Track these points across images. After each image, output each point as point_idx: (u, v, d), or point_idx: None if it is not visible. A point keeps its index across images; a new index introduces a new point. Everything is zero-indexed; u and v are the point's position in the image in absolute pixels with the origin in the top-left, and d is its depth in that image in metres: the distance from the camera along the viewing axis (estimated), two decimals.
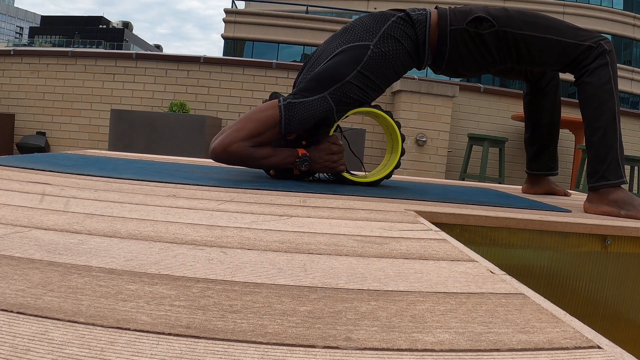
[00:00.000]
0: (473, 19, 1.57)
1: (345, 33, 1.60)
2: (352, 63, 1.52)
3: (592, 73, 1.49)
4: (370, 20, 1.59)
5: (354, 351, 0.35)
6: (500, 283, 0.56)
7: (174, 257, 0.56)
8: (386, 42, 1.55)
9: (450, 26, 1.58)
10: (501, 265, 0.70)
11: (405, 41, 1.57)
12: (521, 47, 1.56)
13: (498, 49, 1.57)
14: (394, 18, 1.57)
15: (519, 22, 1.55)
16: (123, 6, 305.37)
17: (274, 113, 1.49)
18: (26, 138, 4.96)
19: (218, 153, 1.51)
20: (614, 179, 1.43)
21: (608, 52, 1.50)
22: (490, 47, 1.57)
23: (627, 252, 1.20)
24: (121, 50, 6.07)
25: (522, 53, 1.57)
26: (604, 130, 1.45)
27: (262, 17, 20.03)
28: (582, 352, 0.37)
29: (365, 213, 1.02)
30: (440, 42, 1.60)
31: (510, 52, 1.58)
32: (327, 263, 0.59)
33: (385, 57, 1.55)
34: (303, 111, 1.49)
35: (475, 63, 1.62)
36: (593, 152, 1.48)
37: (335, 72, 1.51)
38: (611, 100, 1.46)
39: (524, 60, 1.60)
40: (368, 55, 1.53)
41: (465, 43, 1.58)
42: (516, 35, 1.55)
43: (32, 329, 0.34)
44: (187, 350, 0.33)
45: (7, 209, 0.76)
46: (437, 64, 1.68)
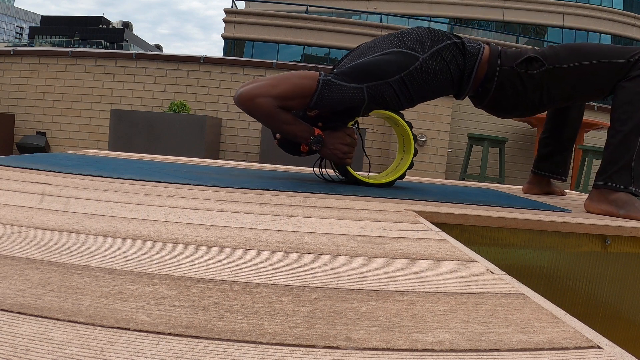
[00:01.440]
0: (523, 60, 1.58)
1: (400, 37, 1.60)
2: (398, 67, 1.53)
3: (632, 79, 1.49)
4: (427, 34, 1.60)
5: (354, 351, 0.35)
6: (500, 283, 0.56)
7: (174, 257, 0.56)
8: (435, 60, 1.56)
9: (500, 65, 1.59)
10: (501, 265, 0.70)
11: (453, 67, 1.59)
12: (573, 79, 1.56)
13: (550, 87, 1.58)
14: (449, 41, 1.59)
15: (565, 55, 1.56)
16: (124, 6, 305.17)
17: (310, 84, 1.49)
18: (26, 138, 4.96)
19: (244, 100, 1.50)
20: (620, 184, 1.42)
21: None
22: (543, 87, 1.58)
23: (627, 252, 1.20)
24: (121, 50, 6.07)
25: (576, 85, 1.57)
26: (625, 135, 1.44)
27: (262, 17, 20.02)
28: (582, 352, 0.37)
29: (365, 213, 1.02)
30: (487, 78, 1.62)
31: (563, 88, 1.58)
32: (327, 263, 0.59)
33: (429, 74, 1.56)
34: (337, 93, 1.50)
35: (522, 104, 1.63)
36: (608, 152, 1.47)
37: (379, 69, 1.52)
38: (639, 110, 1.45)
39: (579, 91, 1.59)
40: (415, 66, 1.54)
41: (513, 84, 1.59)
42: (566, 69, 1.55)
43: (32, 329, 0.34)
44: (187, 350, 0.33)
45: (7, 209, 0.76)
46: (480, 99, 1.70)
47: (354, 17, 22.49)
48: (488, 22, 25.09)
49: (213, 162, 2.31)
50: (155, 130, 4.23)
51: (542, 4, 24.58)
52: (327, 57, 20.71)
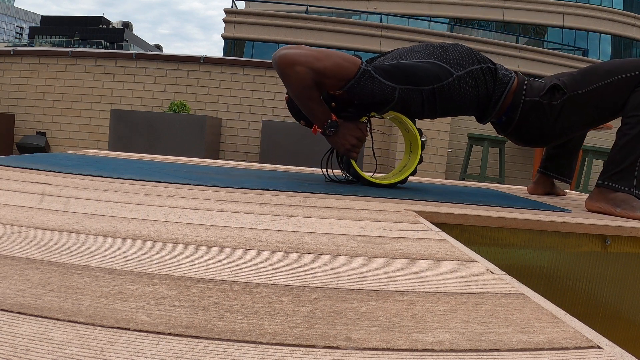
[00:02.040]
0: (547, 91, 1.59)
1: (440, 49, 1.61)
2: (433, 78, 1.54)
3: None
4: (466, 53, 1.61)
5: (354, 351, 0.35)
6: (500, 283, 0.56)
7: (174, 257, 0.56)
8: (467, 79, 1.57)
9: (524, 97, 1.61)
10: (501, 265, 0.70)
11: (482, 90, 1.60)
12: (595, 101, 1.56)
13: (572, 114, 1.59)
14: (484, 65, 1.60)
15: (583, 79, 1.57)
16: (124, 6, 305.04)
17: (351, 68, 1.50)
18: (26, 138, 4.96)
19: (284, 64, 1.48)
20: (621, 185, 1.42)
21: None
22: (566, 115, 1.59)
23: (627, 252, 1.20)
24: (121, 50, 6.07)
25: (599, 106, 1.57)
26: (632, 137, 1.44)
27: (262, 17, 20.02)
28: (582, 352, 0.37)
29: (365, 213, 1.02)
30: (512, 108, 1.63)
31: (587, 113, 1.58)
32: (327, 263, 0.59)
33: (458, 92, 1.57)
34: (371, 86, 1.50)
35: (547, 134, 1.64)
36: (613, 153, 1.48)
37: (417, 75, 1.54)
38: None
39: (603, 112, 1.59)
40: (448, 81, 1.55)
41: (537, 115, 1.61)
42: (586, 93, 1.55)
43: (32, 329, 0.34)
44: (187, 350, 0.33)
45: (7, 209, 0.76)
46: (503, 128, 1.71)
47: (354, 17, 22.49)
48: (488, 22, 25.09)
49: (213, 162, 2.31)
50: (155, 130, 4.23)
51: (542, 4, 24.57)
52: None
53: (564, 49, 21.79)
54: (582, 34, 24.82)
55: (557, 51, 20.36)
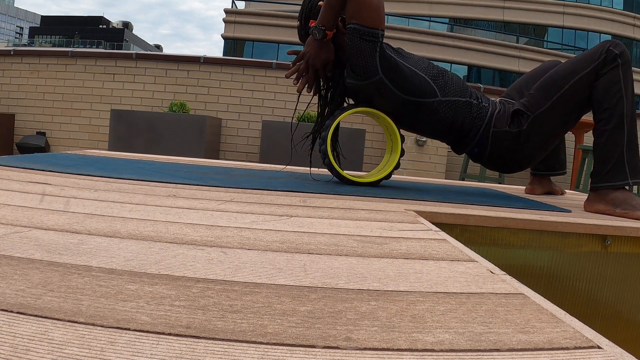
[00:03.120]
0: (511, 118, 1.59)
1: (438, 71, 1.62)
2: (418, 91, 1.57)
3: (603, 76, 1.50)
4: (457, 84, 1.62)
5: (354, 351, 0.35)
6: (500, 283, 0.56)
7: (174, 257, 0.56)
8: (447, 107, 1.60)
9: (493, 127, 1.61)
10: (501, 265, 0.70)
11: (458, 121, 1.62)
12: (560, 111, 1.57)
13: (544, 132, 1.59)
14: (469, 99, 1.61)
15: (541, 95, 1.57)
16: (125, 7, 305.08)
17: (374, 22, 1.50)
18: (26, 138, 4.96)
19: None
20: (615, 180, 1.43)
21: (619, 54, 1.49)
22: (537, 135, 1.59)
23: (627, 252, 1.20)
24: (121, 50, 6.07)
25: (565, 114, 1.57)
26: (610, 132, 1.45)
27: (262, 17, 20.02)
28: (582, 352, 0.37)
29: (365, 213, 1.02)
30: (482, 139, 1.64)
31: (556, 124, 1.59)
32: (327, 263, 0.59)
33: (435, 115, 1.60)
34: (366, 51, 1.51)
35: (523, 158, 1.64)
36: (597, 154, 1.48)
37: (405, 79, 1.56)
38: (620, 102, 1.46)
39: (571, 116, 1.59)
40: (428, 101, 1.58)
41: (509, 144, 1.61)
42: (549, 108, 1.56)
43: (32, 329, 0.34)
44: (187, 350, 0.33)
45: (7, 209, 0.76)
46: (477, 158, 1.72)
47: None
48: (488, 22, 25.09)
49: (213, 162, 2.31)
50: (155, 130, 4.23)
51: (542, 4, 24.57)
52: None
53: (564, 49, 21.79)
54: (582, 34, 24.82)
55: (557, 51, 20.36)
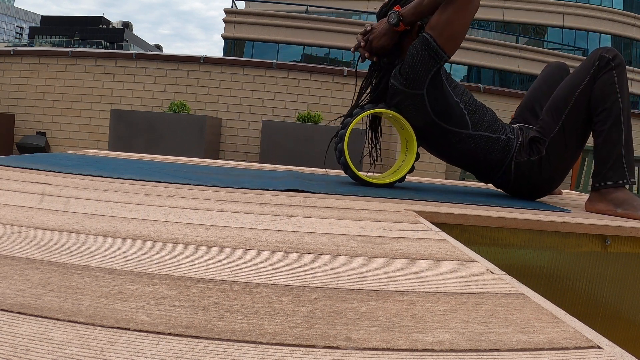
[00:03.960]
0: (529, 146, 1.60)
1: (475, 105, 1.64)
2: (449, 118, 1.58)
3: (598, 80, 1.51)
4: (490, 120, 1.63)
5: (354, 351, 0.35)
6: (500, 283, 0.56)
7: (174, 257, 0.56)
8: (473, 141, 1.61)
9: (515, 159, 1.62)
10: (501, 265, 0.70)
11: (482, 155, 1.62)
12: (572, 126, 1.56)
13: (563, 151, 1.59)
14: (501, 135, 1.62)
15: (551, 117, 1.58)
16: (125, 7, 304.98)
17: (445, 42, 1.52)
18: (26, 138, 4.96)
19: None
20: (615, 179, 1.43)
21: (612, 59, 1.51)
22: (557, 157, 1.60)
23: (627, 252, 1.20)
24: (121, 50, 6.07)
25: (577, 127, 1.57)
26: (607, 133, 1.46)
27: (262, 17, 20.02)
28: (582, 352, 0.37)
29: (365, 213, 1.02)
30: (505, 170, 1.64)
31: (572, 140, 1.59)
32: (327, 263, 0.59)
33: (459, 145, 1.62)
34: (425, 61, 1.52)
35: (548, 182, 1.64)
36: (596, 154, 1.50)
37: (445, 102, 1.57)
38: (616, 103, 1.47)
39: (584, 128, 1.59)
40: (456, 131, 1.60)
41: (531, 172, 1.61)
42: (560, 128, 1.56)
43: (32, 329, 0.34)
44: (187, 350, 0.33)
45: (7, 209, 0.76)
46: (503, 187, 1.72)
47: (354, 17, 22.49)
48: (488, 22, 25.08)
49: (213, 162, 2.31)
50: (155, 130, 4.23)
51: (542, 4, 24.57)
52: (327, 57, 20.70)
53: (564, 49, 21.79)
54: (582, 34, 24.82)
55: (557, 51, 20.36)
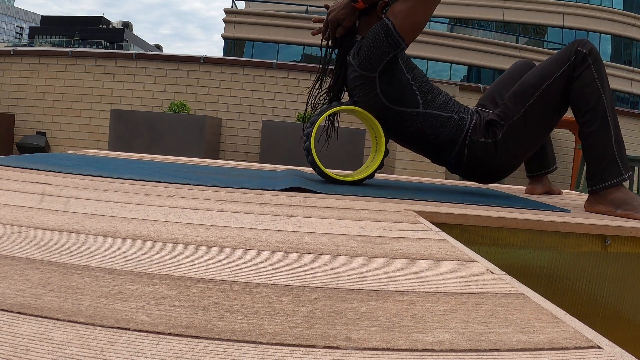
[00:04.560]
0: (485, 127, 1.58)
1: (431, 87, 1.62)
2: (399, 100, 1.56)
3: (577, 79, 1.49)
4: (445, 101, 1.61)
5: (354, 351, 0.35)
6: (500, 283, 0.56)
7: (174, 257, 0.56)
8: (424, 119, 1.58)
9: (469, 139, 1.60)
10: (501, 265, 0.70)
11: (432, 133, 1.60)
12: (535, 117, 1.55)
13: (521, 140, 1.58)
14: (454, 115, 1.60)
15: (514, 103, 1.56)
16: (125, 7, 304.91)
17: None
18: (26, 138, 4.96)
19: None
20: (612, 179, 1.43)
21: (588, 53, 1.49)
22: (514, 144, 1.58)
23: (627, 252, 1.20)
24: (121, 50, 6.07)
25: (541, 120, 1.56)
26: (596, 133, 1.45)
27: (262, 17, 20.02)
28: (582, 352, 0.37)
29: (365, 213, 1.02)
30: (458, 151, 1.62)
31: (533, 131, 1.58)
32: (327, 263, 0.59)
33: (409, 124, 1.59)
34: (380, 41, 1.50)
35: (501, 168, 1.63)
36: (588, 156, 1.48)
37: (398, 83, 1.55)
38: (600, 101, 1.45)
39: (548, 122, 1.58)
40: (412, 111, 1.57)
41: (484, 154, 1.59)
42: (522, 116, 1.55)
43: (32, 329, 0.34)
44: (187, 350, 0.33)
45: (7, 209, 0.76)
46: (455, 169, 1.70)
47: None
48: (488, 22, 25.09)
49: (213, 162, 2.31)
50: (155, 130, 4.23)
51: (542, 4, 24.57)
52: None
53: None
54: (582, 34, 24.82)
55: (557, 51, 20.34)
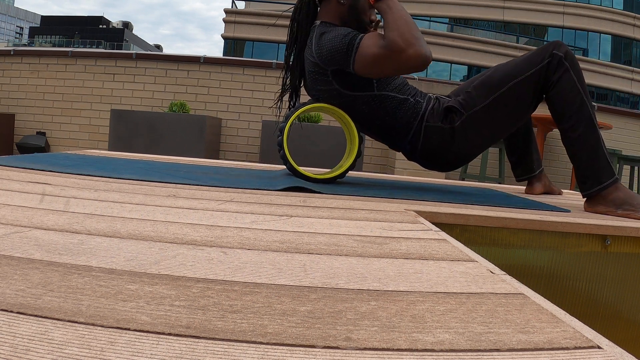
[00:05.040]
0: (444, 113, 1.56)
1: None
2: (350, 84, 1.54)
3: (556, 85, 1.47)
4: (401, 84, 1.60)
5: (354, 351, 0.35)
6: (500, 283, 0.56)
7: (174, 257, 0.56)
8: (377, 101, 1.56)
9: (425, 122, 1.57)
10: (501, 265, 0.70)
11: (383, 114, 1.58)
12: (497, 113, 1.53)
13: (478, 131, 1.56)
14: (406, 97, 1.58)
15: (478, 94, 1.54)
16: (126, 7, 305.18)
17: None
18: (26, 138, 4.96)
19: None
20: (606, 179, 1.41)
21: (564, 57, 1.47)
22: (471, 134, 1.55)
23: (627, 252, 1.20)
24: (121, 50, 6.07)
25: (502, 117, 1.54)
26: (584, 137, 1.43)
27: (262, 17, 20.01)
28: (582, 352, 0.37)
29: (365, 213, 1.02)
30: (414, 135, 1.60)
31: (491, 126, 1.56)
32: (327, 263, 0.59)
33: (360, 107, 1.57)
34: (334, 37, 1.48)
35: (456, 156, 1.61)
36: (578, 160, 1.45)
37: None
38: (583, 104, 1.44)
39: (509, 120, 1.56)
40: (366, 97, 1.55)
41: (440, 140, 1.57)
42: (484, 108, 1.52)
43: (32, 329, 0.34)
44: (187, 350, 0.33)
45: (7, 209, 0.76)
46: (410, 155, 1.67)
47: None
48: (488, 22, 25.09)
49: (213, 162, 2.31)
50: (155, 130, 4.23)
51: (542, 4, 24.57)
52: None
53: None
54: (582, 34, 24.83)
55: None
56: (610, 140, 5.42)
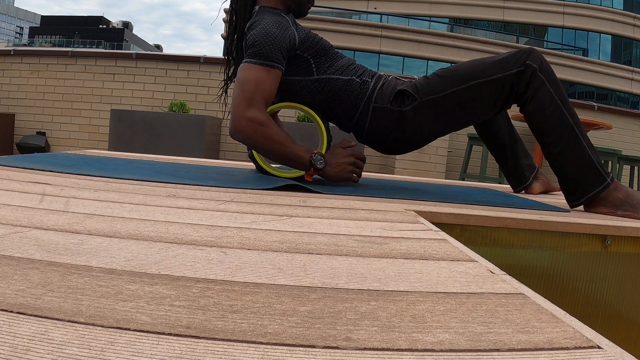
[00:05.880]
0: (395, 97, 1.53)
1: (335, 53, 1.58)
2: (308, 71, 1.53)
3: (532, 100, 1.42)
4: (346, 65, 1.57)
5: (354, 351, 0.35)
6: (500, 283, 0.56)
7: (174, 257, 0.56)
8: (321, 85, 1.53)
9: (373, 103, 1.54)
10: (501, 265, 0.70)
11: (345, 96, 1.55)
12: (451, 107, 1.50)
13: (428, 120, 1.52)
14: (354, 78, 1.55)
15: (437, 83, 1.50)
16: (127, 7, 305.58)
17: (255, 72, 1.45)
18: (26, 138, 4.96)
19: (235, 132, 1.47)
20: (595, 187, 1.38)
21: (538, 68, 1.42)
22: (420, 121, 1.52)
23: (627, 252, 1.20)
24: (121, 50, 6.07)
25: (456, 113, 1.51)
26: (566, 152, 1.40)
27: None
28: (582, 352, 0.37)
29: (365, 213, 1.02)
30: (361, 115, 1.56)
31: (442, 119, 1.52)
32: (327, 263, 0.59)
33: (298, 91, 1.55)
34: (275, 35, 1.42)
35: (402, 141, 1.57)
36: (561, 177, 1.43)
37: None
38: (563, 117, 1.40)
39: (462, 118, 1.53)
40: (309, 79, 1.53)
41: (388, 122, 1.54)
42: (439, 98, 1.49)
43: (32, 329, 0.34)
44: (187, 350, 0.33)
45: (7, 209, 0.76)
46: (358, 135, 1.64)
47: (354, 17, 22.48)
48: (488, 22, 25.09)
49: (213, 162, 2.31)
50: (155, 130, 4.23)
51: (542, 4, 24.57)
52: None
53: (564, 49, 21.80)
54: (582, 34, 24.83)
55: (557, 51, 20.36)
56: (610, 140, 5.42)
